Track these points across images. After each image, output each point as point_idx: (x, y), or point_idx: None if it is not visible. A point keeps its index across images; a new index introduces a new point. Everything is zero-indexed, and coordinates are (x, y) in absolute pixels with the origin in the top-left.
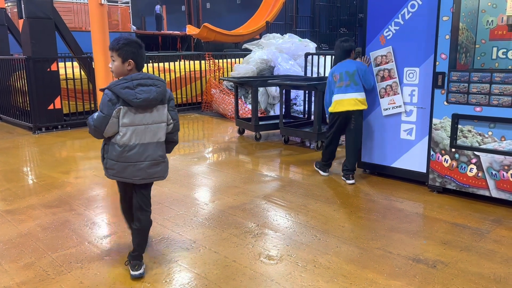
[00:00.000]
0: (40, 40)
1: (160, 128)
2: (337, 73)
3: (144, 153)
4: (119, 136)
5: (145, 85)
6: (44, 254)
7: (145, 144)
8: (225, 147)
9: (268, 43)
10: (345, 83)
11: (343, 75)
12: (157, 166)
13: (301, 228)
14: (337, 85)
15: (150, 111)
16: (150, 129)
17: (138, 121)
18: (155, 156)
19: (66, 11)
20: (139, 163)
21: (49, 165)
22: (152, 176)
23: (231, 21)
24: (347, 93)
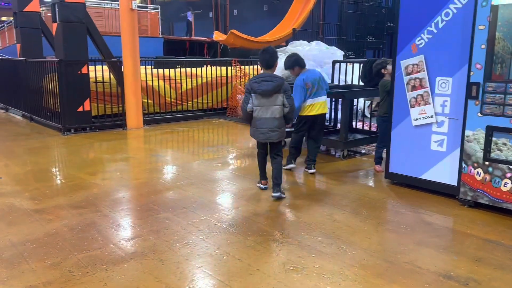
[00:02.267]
0: (72, 44)
1: (276, 108)
2: (309, 81)
3: (265, 124)
4: (254, 113)
5: (266, 81)
6: (70, 255)
7: (265, 118)
8: (249, 153)
9: (295, 50)
10: (315, 89)
11: (314, 82)
12: (273, 132)
13: (326, 238)
14: (309, 91)
15: (270, 97)
16: (269, 109)
17: (262, 103)
18: (272, 126)
19: (97, 16)
20: (261, 129)
21: (77, 166)
22: (269, 139)
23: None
24: (319, 97)
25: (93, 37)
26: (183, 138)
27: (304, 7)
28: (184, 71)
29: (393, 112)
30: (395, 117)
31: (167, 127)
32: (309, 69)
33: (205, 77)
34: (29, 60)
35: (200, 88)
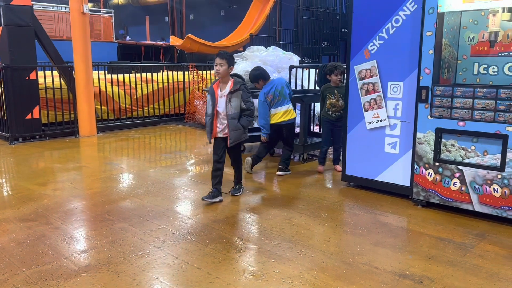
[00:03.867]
0: (19, 48)
1: None
2: (270, 94)
3: None
4: None
5: None
6: (18, 271)
7: None
8: (208, 159)
9: (252, 55)
10: (277, 99)
11: (276, 93)
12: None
13: (286, 243)
14: (272, 102)
15: None
16: None
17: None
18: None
19: (47, 20)
20: None
21: (25, 177)
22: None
23: (215, 32)
24: (281, 106)
25: (42, 41)
26: (139, 145)
27: (261, 12)
28: (139, 76)
29: (348, 116)
30: (350, 120)
31: (122, 134)
32: (273, 79)
33: (162, 82)
34: None
35: (156, 94)
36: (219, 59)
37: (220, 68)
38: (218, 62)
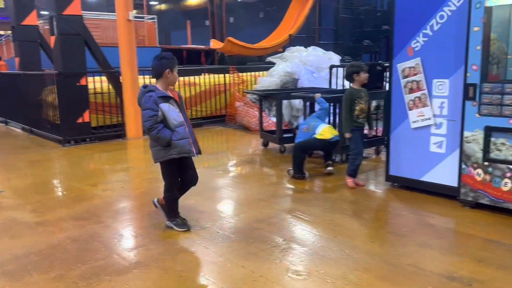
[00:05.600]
0: (70, 56)
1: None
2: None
3: None
4: None
5: None
6: (74, 266)
7: None
8: (249, 160)
9: (291, 56)
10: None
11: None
12: (151, 152)
13: (328, 243)
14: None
15: None
16: None
17: None
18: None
19: (94, 27)
20: None
21: (77, 178)
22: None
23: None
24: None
25: (91, 48)
26: None
27: (300, 12)
28: (182, 80)
29: (391, 115)
30: (393, 120)
31: None
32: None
33: (203, 85)
34: (28, 73)
35: (199, 96)
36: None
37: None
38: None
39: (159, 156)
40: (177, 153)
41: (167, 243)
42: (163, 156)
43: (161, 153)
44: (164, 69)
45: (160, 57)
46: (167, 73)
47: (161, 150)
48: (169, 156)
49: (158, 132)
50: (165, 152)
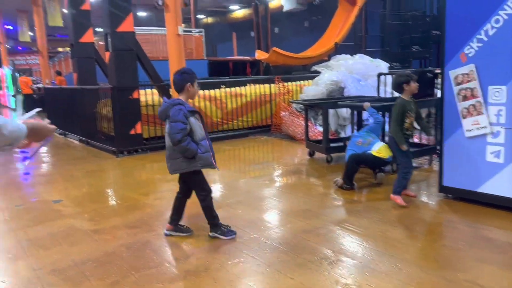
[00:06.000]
0: (124, 71)
1: (166, 136)
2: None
3: (166, 152)
4: None
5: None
6: (128, 274)
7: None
8: (295, 170)
9: (337, 64)
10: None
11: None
12: (168, 162)
13: (379, 256)
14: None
15: (165, 123)
16: (166, 136)
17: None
18: (167, 155)
19: (145, 42)
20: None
21: (130, 187)
22: (169, 170)
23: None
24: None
25: (143, 63)
26: (229, 156)
27: (346, 20)
28: (228, 91)
29: (444, 123)
30: (446, 129)
31: (214, 146)
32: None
33: (249, 96)
34: (85, 87)
35: (244, 107)
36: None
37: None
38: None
39: (181, 167)
40: (202, 165)
41: (216, 253)
42: (185, 167)
43: (183, 164)
44: (186, 83)
45: (181, 72)
46: (188, 86)
47: (183, 162)
48: (193, 167)
49: (188, 145)
50: (187, 164)
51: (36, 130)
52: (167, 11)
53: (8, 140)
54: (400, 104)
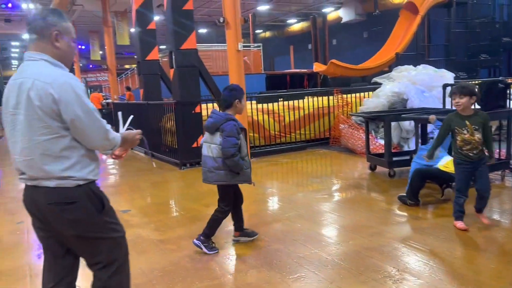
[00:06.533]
0: (187, 86)
1: (214, 147)
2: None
3: (204, 163)
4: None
5: (210, 117)
6: (192, 284)
7: (205, 156)
8: (355, 184)
9: (399, 75)
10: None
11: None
12: (210, 172)
13: (447, 276)
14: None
15: (211, 134)
16: (210, 146)
17: (206, 139)
18: (209, 165)
19: (206, 58)
20: (203, 168)
21: (193, 198)
22: (206, 179)
23: (358, 55)
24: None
25: (204, 78)
26: (287, 169)
27: (407, 30)
28: (286, 104)
29: None
30: None
31: (272, 159)
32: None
33: (307, 109)
34: (150, 103)
35: (302, 120)
36: None
37: None
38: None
39: (225, 179)
40: (243, 180)
41: (277, 267)
42: (229, 180)
43: (228, 177)
44: (234, 100)
45: (230, 88)
46: (236, 103)
47: (228, 175)
48: (235, 181)
49: (239, 160)
50: (231, 177)
51: (126, 139)
52: (227, 28)
53: (111, 145)
54: (447, 119)
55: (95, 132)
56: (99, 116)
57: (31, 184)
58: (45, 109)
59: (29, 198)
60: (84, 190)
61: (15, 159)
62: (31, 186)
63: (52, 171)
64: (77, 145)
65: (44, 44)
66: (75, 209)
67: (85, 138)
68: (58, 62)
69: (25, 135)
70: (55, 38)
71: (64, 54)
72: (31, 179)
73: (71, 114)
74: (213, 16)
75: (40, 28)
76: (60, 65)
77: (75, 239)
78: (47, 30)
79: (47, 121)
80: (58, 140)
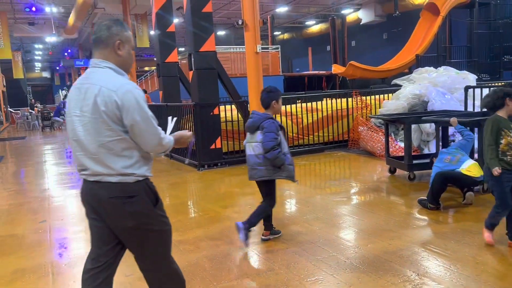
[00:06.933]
0: (206, 88)
1: (255, 145)
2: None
3: (248, 161)
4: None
5: (250, 117)
6: (211, 285)
7: (249, 155)
8: (375, 187)
9: (420, 77)
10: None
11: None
12: (253, 170)
13: (469, 282)
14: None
15: (251, 133)
16: (251, 145)
17: (248, 139)
18: (252, 163)
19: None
20: (248, 166)
21: (211, 200)
22: (252, 177)
23: (377, 56)
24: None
25: (223, 80)
26: (305, 171)
27: (428, 31)
28: (304, 106)
29: None
30: None
31: None
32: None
33: (325, 111)
34: (169, 104)
35: (321, 122)
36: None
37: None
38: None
39: (267, 175)
40: (285, 176)
41: (295, 269)
42: (270, 175)
43: (270, 172)
44: (271, 101)
45: (267, 90)
46: (274, 104)
47: (269, 170)
48: (277, 176)
49: (278, 153)
50: (273, 172)
51: (179, 140)
52: (246, 30)
53: (163, 149)
54: (495, 118)
55: (150, 137)
56: (156, 123)
57: (93, 179)
58: (109, 113)
59: (90, 192)
60: (142, 186)
61: (78, 155)
62: (93, 181)
63: (116, 168)
64: (136, 146)
65: (107, 52)
66: (135, 202)
67: (141, 141)
68: (121, 70)
69: (92, 135)
70: (118, 47)
71: (125, 61)
72: (94, 175)
73: (131, 119)
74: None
75: (105, 38)
76: (123, 73)
77: (130, 231)
78: (111, 39)
79: (111, 124)
80: (120, 141)
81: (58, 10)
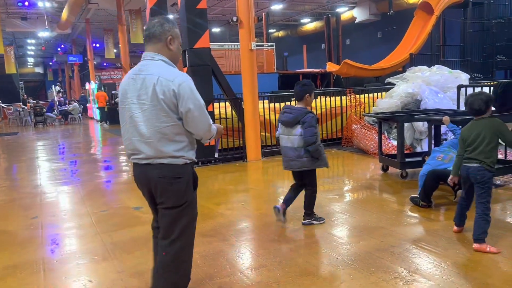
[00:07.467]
0: (200, 85)
1: (294, 138)
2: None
3: (286, 153)
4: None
5: (286, 112)
6: (203, 281)
7: (286, 147)
8: (367, 185)
9: (413, 76)
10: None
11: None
12: (292, 161)
13: (459, 279)
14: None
15: (290, 127)
16: (289, 138)
17: (284, 132)
18: (291, 155)
19: (219, 57)
20: (284, 157)
21: (204, 197)
22: (291, 167)
23: (372, 55)
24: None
25: (217, 77)
26: None
27: (422, 30)
28: None
29: None
30: None
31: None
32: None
33: (319, 108)
34: None
35: None
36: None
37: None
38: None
39: (308, 165)
40: (324, 165)
41: (288, 266)
42: (310, 165)
43: (310, 163)
44: (305, 94)
45: (301, 84)
46: (307, 96)
47: (310, 161)
48: (317, 166)
49: (319, 145)
50: (313, 162)
51: (219, 131)
52: (241, 27)
53: (210, 135)
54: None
55: (202, 123)
56: (206, 111)
57: (145, 162)
58: (167, 101)
59: (143, 174)
60: (189, 168)
61: (133, 140)
62: (145, 164)
63: (167, 151)
64: (186, 132)
65: (160, 46)
66: (181, 182)
67: (193, 127)
68: (171, 63)
69: (150, 121)
70: (170, 42)
71: (175, 55)
72: (147, 158)
73: (185, 107)
74: (226, 15)
75: (159, 33)
76: (174, 66)
77: (169, 210)
78: (164, 35)
79: (168, 111)
80: (173, 127)
81: (51, 5)
